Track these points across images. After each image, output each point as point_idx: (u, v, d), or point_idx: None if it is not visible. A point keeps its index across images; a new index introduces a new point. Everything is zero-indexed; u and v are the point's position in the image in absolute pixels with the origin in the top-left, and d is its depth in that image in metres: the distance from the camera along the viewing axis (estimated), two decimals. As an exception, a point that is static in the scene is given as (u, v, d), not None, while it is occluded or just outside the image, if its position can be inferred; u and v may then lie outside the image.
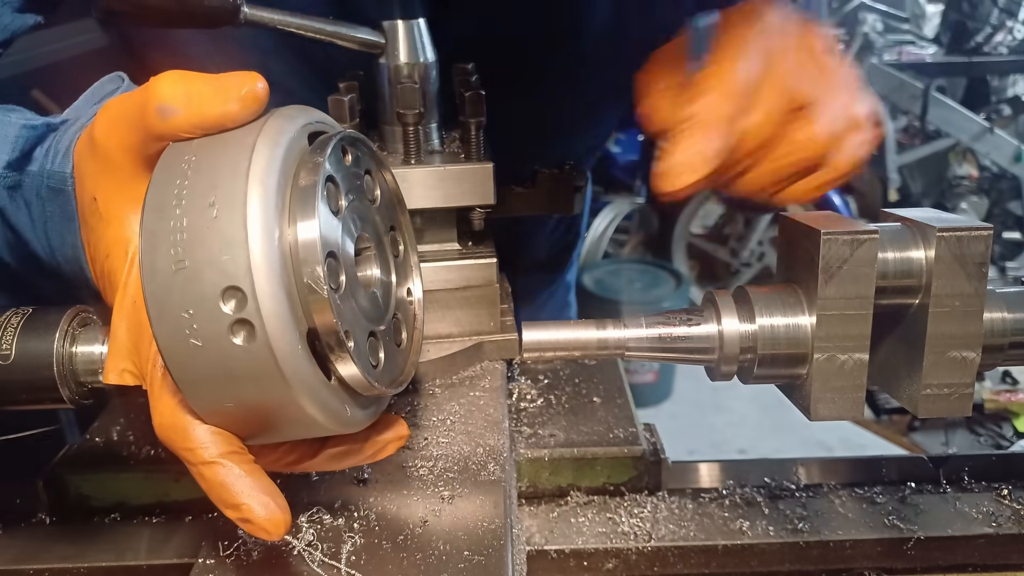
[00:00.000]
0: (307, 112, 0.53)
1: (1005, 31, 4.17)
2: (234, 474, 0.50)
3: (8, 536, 0.70)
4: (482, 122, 0.74)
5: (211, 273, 0.44)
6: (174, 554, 0.67)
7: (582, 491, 0.74)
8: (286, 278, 0.45)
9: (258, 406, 0.48)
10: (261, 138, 0.47)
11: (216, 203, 0.45)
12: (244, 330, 0.44)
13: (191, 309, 0.45)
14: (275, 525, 0.50)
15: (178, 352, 0.46)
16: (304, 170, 0.48)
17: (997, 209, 4.26)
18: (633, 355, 0.61)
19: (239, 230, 0.44)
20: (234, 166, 0.46)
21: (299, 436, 0.53)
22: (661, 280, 4.05)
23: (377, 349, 0.55)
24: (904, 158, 4.36)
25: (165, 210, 0.46)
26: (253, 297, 0.44)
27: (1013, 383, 3.43)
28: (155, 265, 0.45)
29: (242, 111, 0.48)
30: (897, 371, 0.60)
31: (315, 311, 0.47)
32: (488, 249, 0.80)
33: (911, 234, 0.57)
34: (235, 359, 0.45)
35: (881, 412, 3.58)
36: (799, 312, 0.57)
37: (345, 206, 0.52)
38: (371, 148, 0.58)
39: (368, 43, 0.75)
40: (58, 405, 0.58)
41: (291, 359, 0.45)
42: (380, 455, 0.60)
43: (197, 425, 0.50)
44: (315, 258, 0.46)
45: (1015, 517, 0.71)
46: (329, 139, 0.51)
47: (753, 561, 0.69)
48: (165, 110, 0.48)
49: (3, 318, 0.58)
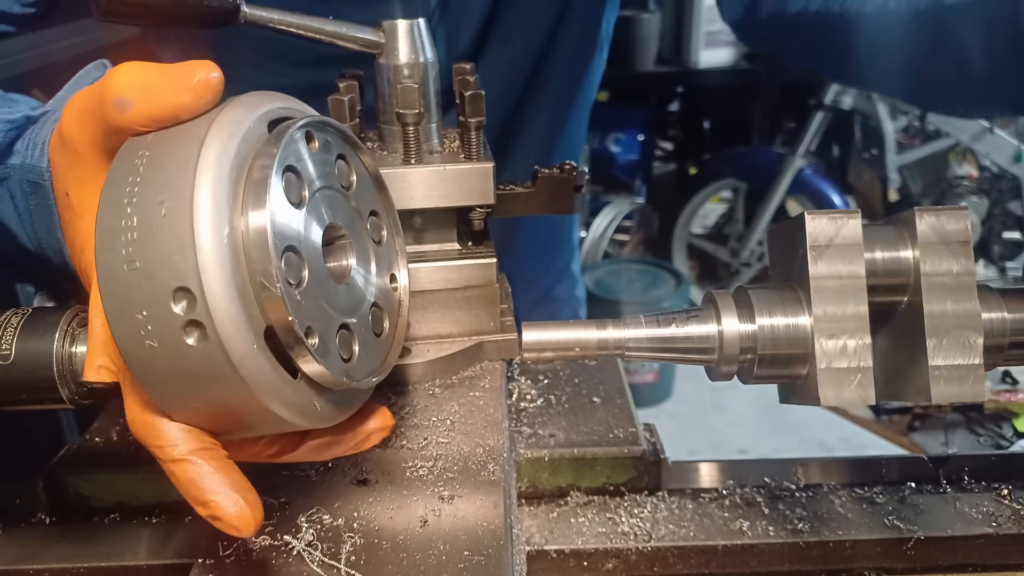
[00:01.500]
0: (271, 99, 0.51)
1: (1005, 31, 4.16)
2: (203, 471, 0.49)
3: (8, 536, 0.70)
4: (482, 122, 0.74)
5: (161, 273, 0.43)
6: (174, 554, 0.67)
7: (582, 491, 0.74)
8: (239, 276, 0.44)
9: (223, 405, 0.47)
10: (213, 129, 0.46)
11: (165, 200, 0.44)
12: (197, 331, 0.43)
13: (144, 310, 0.44)
14: (244, 522, 0.50)
15: (136, 353, 0.45)
16: (260, 161, 0.46)
17: (997, 209, 4.25)
18: (633, 355, 0.61)
19: (187, 228, 0.43)
20: (184, 160, 0.44)
21: (273, 431, 0.53)
22: (661, 280, 4.05)
23: (350, 342, 0.53)
24: (904, 158, 4.36)
25: (118, 208, 0.45)
26: (202, 298, 0.43)
27: (1013, 383, 3.43)
28: (109, 264, 0.44)
29: (195, 101, 0.47)
30: (905, 372, 0.60)
31: (269, 309, 0.45)
32: (488, 249, 0.80)
33: (897, 233, 0.57)
34: (191, 360, 0.44)
35: (881, 412, 3.58)
36: (799, 312, 0.57)
37: (309, 196, 0.51)
38: (343, 132, 0.56)
39: (368, 43, 0.75)
40: (58, 405, 0.58)
41: (246, 360, 0.44)
42: (364, 445, 0.60)
43: (167, 422, 0.49)
44: (266, 254, 0.44)
45: (1015, 517, 0.71)
46: (287, 127, 0.49)
47: (753, 561, 0.69)
48: (122, 103, 0.47)
49: (3, 318, 0.58)
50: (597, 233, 4.45)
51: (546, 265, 1.41)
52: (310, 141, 0.52)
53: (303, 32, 0.72)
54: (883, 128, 4.28)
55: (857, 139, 4.56)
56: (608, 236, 4.51)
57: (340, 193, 0.56)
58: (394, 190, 0.74)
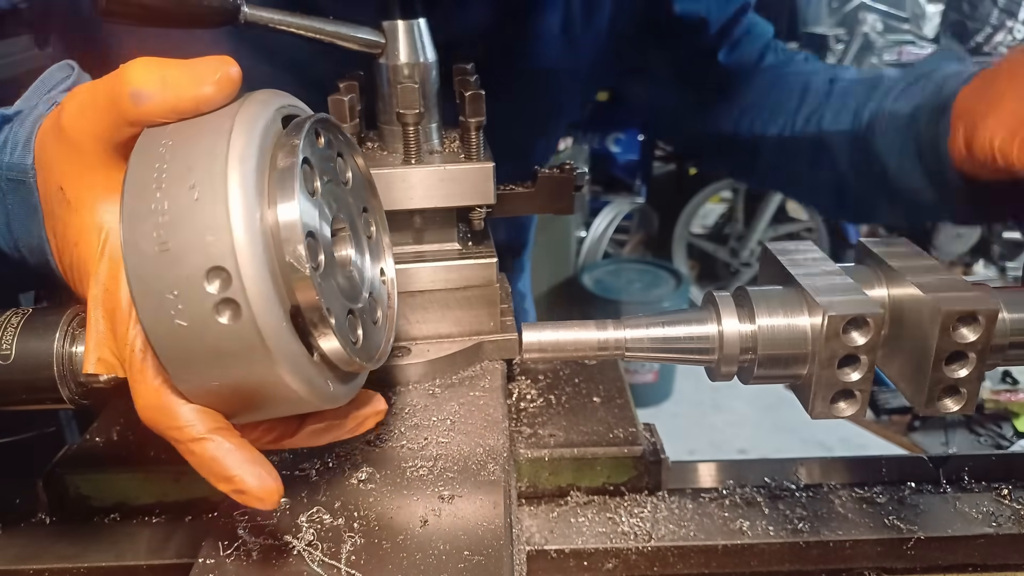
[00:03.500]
0: (279, 96, 0.54)
1: (1005, 31, 4.17)
2: (224, 448, 0.51)
3: (8, 536, 0.70)
4: (482, 122, 0.74)
5: (195, 254, 0.45)
6: (174, 554, 0.67)
7: (582, 491, 0.74)
8: (268, 258, 0.46)
9: (243, 384, 0.48)
10: (238, 121, 0.48)
11: (197, 185, 0.45)
12: (229, 309, 0.45)
13: (176, 290, 0.45)
14: (268, 493, 0.51)
15: (163, 333, 0.46)
16: (281, 152, 0.49)
17: (997, 209, 4.25)
18: (633, 355, 0.61)
19: (221, 212, 0.45)
20: (212, 149, 0.46)
21: (283, 413, 0.54)
22: (661, 280, 4.06)
23: (356, 326, 0.56)
24: (904, 158, 4.35)
25: (145, 192, 0.46)
26: (238, 276, 0.44)
27: (1013, 383, 3.43)
28: (138, 247, 0.45)
29: (217, 94, 0.49)
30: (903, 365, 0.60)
31: (298, 289, 0.47)
32: (488, 249, 0.80)
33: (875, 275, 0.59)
34: (221, 338, 0.46)
35: (881, 412, 3.58)
36: (799, 312, 0.57)
37: (320, 188, 0.53)
38: (342, 131, 0.59)
39: (368, 43, 0.75)
40: (58, 405, 0.58)
41: (276, 335, 0.46)
42: (360, 429, 0.61)
43: (182, 404, 0.50)
44: (297, 237, 0.47)
45: (1015, 517, 0.71)
46: (304, 121, 0.52)
47: (753, 561, 0.69)
48: (139, 95, 0.48)
49: (3, 318, 0.58)
50: (597, 233, 4.45)
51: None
52: (317, 137, 0.55)
53: (303, 32, 0.72)
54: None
55: (857, 139, 4.55)
56: (608, 236, 4.51)
57: (341, 188, 0.58)
58: (394, 190, 0.74)
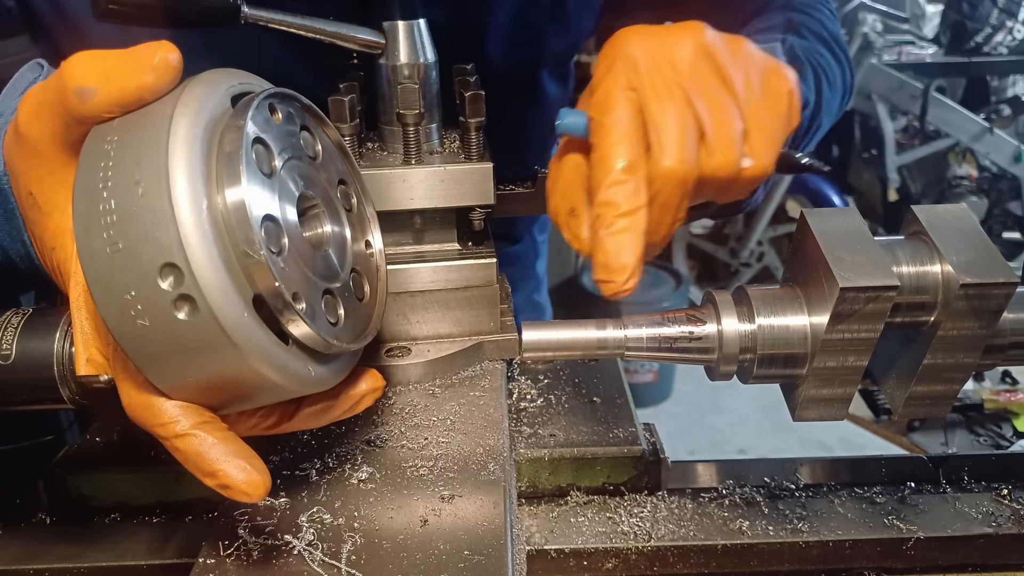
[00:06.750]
0: (231, 75, 0.52)
1: (1005, 31, 4.17)
2: (207, 443, 0.50)
3: (8, 536, 0.70)
4: (482, 122, 0.74)
5: (146, 251, 0.44)
6: (174, 554, 0.67)
7: (582, 491, 0.74)
8: (222, 247, 0.45)
9: (219, 376, 0.48)
10: (179, 107, 0.46)
11: (141, 180, 0.44)
12: (187, 305, 0.44)
13: (132, 290, 0.44)
14: (254, 487, 0.50)
15: (128, 334, 0.46)
16: (228, 135, 0.47)
17: (997, 209, 4.25)
18: (633, 355, 0.61)
19: (166, 204, 0.43)
20: (155, 139, 0.45)
21: (270, 400, 0.53)
22: (661, 280, 4.05)
23: (335, 306, 0.55)
24: (904, 158, 4.36)
25: (93, 193, 0.45)
26: (189, 270, 0.43)
27: (1013, 383, 3.43)
28: (92, 249, 0.45)
29: (157, 81, 0.47)
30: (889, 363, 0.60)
31: (255, 276, 0.46)
32: (488, 249, 0.80)
33: (928, 251, 0.56)
34: (184, 334, 0.45)
35: (881, 412, 3.58)
36: (799, 312, 0.57)
37: (280, 166, 0.51)
38: (304, 103, 0.57)
39: (368, 43, 0.75)
40: (58, 405, 0.58)
41: (239, 326, 0.45)
42: (358, 408, 0.61)
43: (164, 401, 0.50)
44: (247, 223, 0.45)
45: (1015, 517, 0.71)
46: (251, 100, 0.50)
47: (753, 561, 0.69)
48: (83, 92, 0.47)
49: (3, 318, 0.58)
50: (597, 233, 4.44)
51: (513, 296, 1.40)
52: (273, 113, 0.53)
53: (303, 32, 0.72)
54: (883, 128, 4.28)
55: (857, 139, 4.56)
56: (608, 236, 4.49)
57: (307, 163, 0.57)
58: (394, 190, 0.74)
